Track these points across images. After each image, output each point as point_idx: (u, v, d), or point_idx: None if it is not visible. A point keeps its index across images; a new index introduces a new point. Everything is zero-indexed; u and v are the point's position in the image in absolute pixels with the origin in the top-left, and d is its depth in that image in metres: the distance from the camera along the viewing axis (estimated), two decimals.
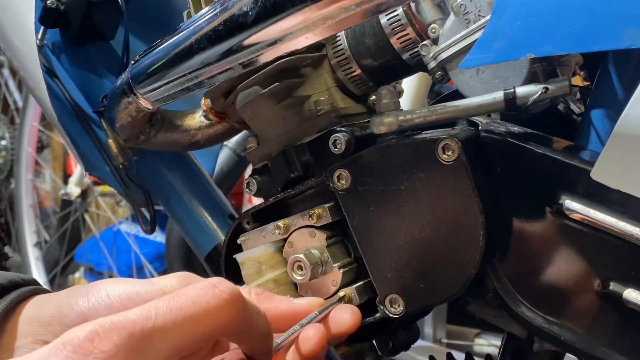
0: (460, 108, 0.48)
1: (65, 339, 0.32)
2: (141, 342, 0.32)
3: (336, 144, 0.54)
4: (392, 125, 0.50)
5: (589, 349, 0.45)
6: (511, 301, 0.48)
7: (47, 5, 0.69)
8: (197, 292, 0.35)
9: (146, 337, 0.32)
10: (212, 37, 0.51)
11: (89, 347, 0.31)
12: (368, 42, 0.55)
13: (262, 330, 0.38)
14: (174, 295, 0.34)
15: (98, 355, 0.31)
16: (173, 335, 0.33)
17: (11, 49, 0.71)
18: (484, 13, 0.48)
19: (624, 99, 0.45)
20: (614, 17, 0.39)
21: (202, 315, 0.34)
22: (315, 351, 0.43)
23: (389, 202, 0.50)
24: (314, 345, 0.43)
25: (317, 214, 0.54)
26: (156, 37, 0.58)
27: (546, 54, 0.43)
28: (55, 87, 0.72)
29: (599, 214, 0.43)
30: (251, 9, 0.47)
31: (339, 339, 0.47)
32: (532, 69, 0.48)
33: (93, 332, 0.31)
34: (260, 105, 0.58)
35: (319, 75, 0.57)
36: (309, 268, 0.53)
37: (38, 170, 2.49)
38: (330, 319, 0.47)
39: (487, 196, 0.47)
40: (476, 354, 0.70)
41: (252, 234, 0.58)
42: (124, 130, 0.65)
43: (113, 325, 0.32)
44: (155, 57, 0.56)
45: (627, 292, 0.43)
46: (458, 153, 0.47)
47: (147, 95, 0.59)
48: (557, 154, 0.45)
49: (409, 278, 0.51)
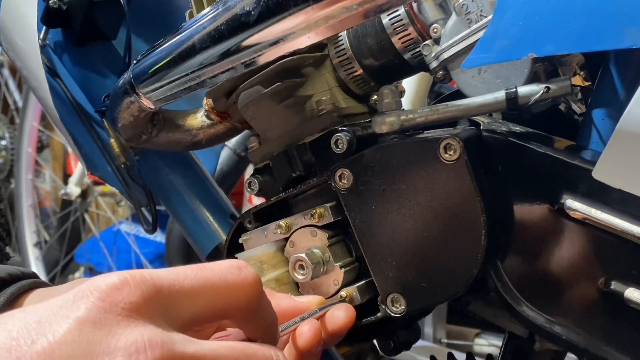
0: (462, 108, 0.48)
1: (94, 285, 0.31)
2: (167, 299, 0.32)
3: (338, 144, 0.54)
4: (393, 125, 0.51)
5: (591, 348, 0.45)
6: (513, 300, 0.48)
7: (50, 5, 0.69)
8: (223, 268, 0.35)
9: (172, 296, 0.33)
10: (214, 36, 0.51)
11: (117, 296, 0.31)
12: (370, 42, 0.55)
13: (269, 320, 0.39)
14: (202, 267, 0.35)
15: (126, 305, 0.31)
16: (196, 301, 0.34)
17: (14, 49, 0.71)
18: (486, 13, 0.48)
19: (625, 99, 0.45)
20: (615, 17, 0.40)
21: (225, 290, 0.35)
22: (310, 345, 0.44)
23: (390, 201, 0.50)
24: (309, 340, 0.43)
25: (319, 213, 0.54)
26: (158, 36, 0.58)
27: (548, 54, 0.43)
28: (58, 86, 0.72)
29: (601, 213, 0.43)
30: (253, 9, 0.47)
31: (335, 336, 0.48)
32: (533, 69, 0.48)
33: (123, 281, 0.31)
34: (262, 105, 0.58)
35: (320, 75, 0.57)
36: (311, 267, 0.53)
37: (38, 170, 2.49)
38: (325, 317, 0.48)
39: (488, 195, 0.47)
40: (476, 354, 0.70)
41: (254, 233, 0.59)
42: (126, 129, 0.65)
43: (143, 278, 0.32)
44: (158, 57, 0.57)
45: (629, 292, 0.43)
46: (460, 152, 0.47)
47: (149, 95, 0.59)
48: (559, 153, 0.45)
49: (411, 277, 0.51)
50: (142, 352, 0.30)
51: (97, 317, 0.30)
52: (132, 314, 0.31)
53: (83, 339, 0.29)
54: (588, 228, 0.44)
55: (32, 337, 0.29)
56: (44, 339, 0.29)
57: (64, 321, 0.30)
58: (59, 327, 0.29)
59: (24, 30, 0.69)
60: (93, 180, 2.17)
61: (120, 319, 0.30)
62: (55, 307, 0.30)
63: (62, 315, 0.30)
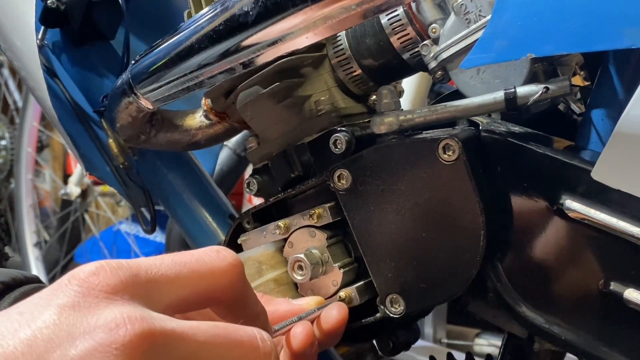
0: (460, 108, 0.48)
1: (71, 274, 0.32)
2: (145, 284, 0.33)
3: (337, 144, 0.54)
4: (392, 125, 0.50)
5: (590, 348, 0.45)
6: (512, 301, 0.48)
7: (48, 5, 0.69)
8: (201, 252, 0.36)
9: (150, 280, 0.34)
10: (212, 37, 0.51)
11: (94, 281, 0.32)
12: (368, 42, 0.55)
13: (257, 309, 0.39)
14: (180, 253, 0.36)
15: (103, 288, 0.32)
16: (176, 285, 0.35)
17: (12, 49, 0.71)
18: (485, 13, 0.48)
19: (625, 99, 0.45)
20: (614, 17, 0.39)
21: (205, 273, 0.36)
22: (304, 346, 0.44)
23: (389, 201, 0.50)
24: (301, 341, 0.44)
25: (318, 213, 0.54)
26: (156, 37, 0.58)
27: (547, 54, 0.43)
28: (56, 87, 0.72)
29: (600, 213, 0.43)
30: (252, 9, 0.47)
31: (329, 336, 0.48)
32: (532, 69, 0.48)
33: (99, 267, 0.32)
34: (261, 105, 0.58)
35: (319, 75, 0.57)
36: (310, 268, 0.53)
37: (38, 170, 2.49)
38: (320, 317, 0.48)
39: (487, 196, 0.47)
40: (476, 354, 0.70)
41: (253, 233, 0.59)
42: (125, 130, 0.65)
43: (119, 264, 0.33)
44: (156, 57, 0.56)
45: (628, 292, 0.43)
46: (459, 153, 0.47)
47: (147, 95, 0.59)
48: (558, 153, 0.45)
49: (410, 278, 0.51)
50: (122, 327, 0.30)
51: (75, 301, 0.31)
52: (110, 295, 0.32)
53: (63, 321, 0.30)
54: (587, 228, 0.44)
55: (15, 327, 0.30)
56: (27, 327, 0.30)
57: (44, 309, 0.31)
58: (40, 314, 0.31)
59: (21, 30, 0.68)
60: (93, 180, 2.17)
61: (98, 300, 0.31)
62: (37, 299, 0.32)
63: (43, 305, 0.31)
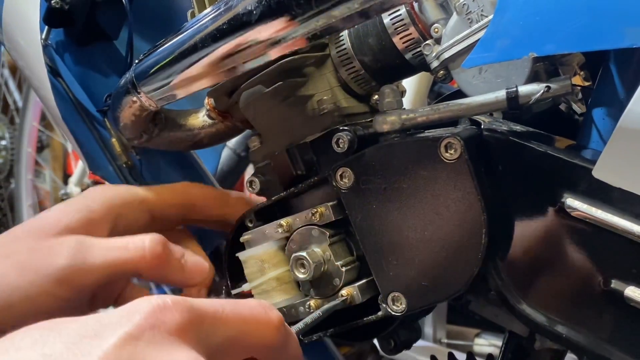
0: (462, 107, 0.49)
1: (136, 306, 0.34)
2: (209, 327, 0.36)
3: (339, 143, 0.54)
4: (395, 124, 0.51)
5: (591, 346, 0.45)
6: (513, 299, 0.48)
7: (52, 5, 0.69)
8: (253, 305, 0.40)
9: (213, 325, 0.36)
10: (216, 36, 0.51)
11: (162, 317, 0.34)
12: (371, 42, 0.55)
13: (294, 355, 0.43)
14: (235, 301, 0.39)
15: (171, 327, 0.34)
16: (229, 329, 0.37)
17: (16, 49, 0.71)
18: (487, 12, 0.49)
19: (626, 98, 0.45)
20: (616, 17, 0.40)
21: (254, 324, 0.39)
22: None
23: (391, 200, 0.51)
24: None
25: (320, 212, 0.55)
26: (160, 36, 0.59)
27: (548, 53, 0.43)
28: (59, 86, 0.72)
29: (601, 212, 0.43)
30: (255, 8, 0.47)
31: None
32: (534, 68, 0.48)
33: (167, 304, 0.34)
34: (264, 104, 0.58)
35: (322, 75, 0.57)
36: (312, 266, 0.53)
37: (38, 170, 2.49)
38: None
39: (489, 194, 0.48)
40: (476, 354, 0.70)
41: (255, 232, 0.59)
42: (128, 129, 0.65)
43: (188, 304, 0.35)
44: (159, 57, 0.57)
45: (629, 290, 0.43)
46: (460, 151, 0.47)
47: (151, 94, 0.59)
48: (559, 152, 0.46)
49: (412, 276, 0.51)
50: None
51: (140, 332, 0.33)
52: (176, 335, 0.34)
53: (126, 351, 0.32)
54: (588, 227, 0.44)
55: (88, 349, 0.31)
56: (98, 350, 0.31)
57: (111, 335, 0.32)
58: (108, 340, 0.32)
59: (26, 30, 0.69)
60: (93, 180, 2.17)
61: (163, 337, 0.33)
62: (105, 321, 0.33)
63: (110, 330, 0.32)
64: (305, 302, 0.56)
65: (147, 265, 0.55)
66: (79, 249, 0.52)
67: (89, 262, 0.52)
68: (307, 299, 0.56)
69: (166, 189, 0.64)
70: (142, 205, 0.61)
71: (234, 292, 0.62)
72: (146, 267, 0.55)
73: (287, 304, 0.57)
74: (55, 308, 0.51)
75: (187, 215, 0.64)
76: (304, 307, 0.56)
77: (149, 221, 0.61)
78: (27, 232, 0.54)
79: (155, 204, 0.62)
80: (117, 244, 0.55)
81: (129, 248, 0.55)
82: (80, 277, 0.51)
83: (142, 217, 0.61)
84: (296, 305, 0.57)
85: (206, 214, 0.65)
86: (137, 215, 0.61)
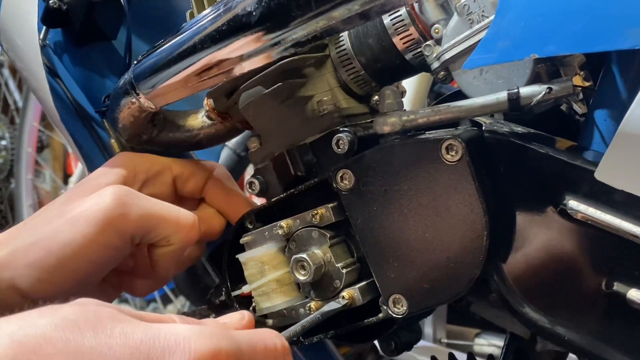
0: (463, 108, 0.48)
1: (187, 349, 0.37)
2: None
3: (339, 144, 0.54)
4: (395, 125, 0.50)
5: (593, 349, 0.45)
6: (514, 301, 0.48)
7: (50, 5, 0.69)
8: (270, 340, 0.43)
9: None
10: (215, 37, 0.51)
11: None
12: (371, 43, 0.55)
13: None
14: (254, 336, 0.42)
15: None
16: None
17: (14, 49, 0.71)
18: (488, 13, 0.48)
19: (628, 99, 0.45)
20: (617, 18, 0.39)
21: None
22: None
23: (392, 202, 0.50)
24: None
25: (320, 214, 0.54)
26: (159, 37, 0.58)
27: (550, 54, 0.43)
28: (58, 87, 0.72)
29: (603, 214, 0.43)
30: (255, 9, 0.47)
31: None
32: (535, 70, 0.48)
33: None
34: (263, 105, 0.58)
35: (321, 76, 0.57)
36: (312, 268, 0.53)
37: (38, 170, 2.49)
38: None
39: (490, 196, 0.47)
40: (476, 354, 0.70)
41: (255, 234, 0.59)
42: (127, 130, 0.65)
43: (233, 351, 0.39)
44: (158, 57, 0.56)
45: (631, 293, 0.43)
46: (462, 153, 0.47)
47: (150, 95, 0.59)
48: (561, 154, 0.45)
49: (412, 278, 0.51)
50: None
51: None
52: None
53: None
54: (590, 229, 0.44)
55: None
56: None
57: None
58: None
59: (24, 30, 0.68)
60: None
61: None
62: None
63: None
64: (306, 304, 0.56)
65: (182, 233, 0.58)
66: (123, 194, 0.56)
67: (133, 209, 0.55)
68: (308, 300, 0.56)
69: (191, 162, 0.67)
70: (167, 174, 0.64)
71: (233, 294, 0.62)
72: (180, 234, 0.58)
73: (287, 305, 0.57)
74: (103, 258, 0.55)
75: (205, 192, 0.66)
76: (304, 309, 0.56)
77: (171, 191, 0.64)
78: (75, 193, 0.58)
79: (178, 174, 0.64)
80: (159, 202, 0.58)
81: (170, 210, 0.58)
82: (124, 223, 0.55)
83: (166, 186, 0.64)
84: (296, 307, 0.57)
85: (220, 196, 0.66)
86: (162, 182, 0.64)
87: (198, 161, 0.68)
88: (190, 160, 0.68)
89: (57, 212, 0.56)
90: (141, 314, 0.40)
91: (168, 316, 0.42)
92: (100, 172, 0.61)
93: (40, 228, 0.55)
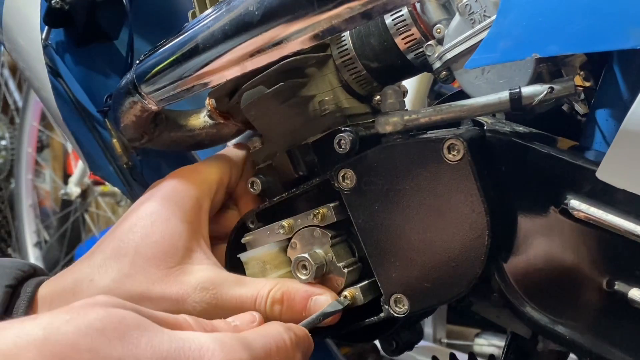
0: (465, 108, 0.48)
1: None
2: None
3: (341, 144, 0.54)
4: (397, 125, 0.51)
5: (594, 348, 0.45)
6: (516, 301, 0.48)
7: (52, 5, 0.69)
8: (280, 338, 0.45)
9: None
10: (217, 37, 0.51)
11: None
12: (373, 42, 0.55)
13: None
14: (269, 339, 0.45)
15: None
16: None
17: (16, 49, 0.71)
18: (490, 13, 0.48)
19: (629, 99, 0.45)
20: (619, 17, 0.40)
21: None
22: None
23: (394, 201, 0.50)
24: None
25: (322, 213, 0.54)
26: (161, 37, 0.58)
27: (551, 54, 0.43)
28: (60, 87, 0.72)
29: (604, 213, 0.43)
30: (257, 9, 0.47)
31: None
32: (537, 69, 0.48)
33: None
34: (265, 105, 0.58)
35: (323, 75, 0.57)
36: (313, 268, 0.53)
37: (38, 170, 2.49)
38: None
39: (492, 196, 0.47)
40: (477, 354, 0.70)
41: (257, 233, 0.59)
42: (128, 130, 0.65)
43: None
44: (161, 57, 0.56)
45: (632, 292, 0.43)
46: (463, 153, 0.47)
47: (152, 95, 0.59)
48: (562, 153, 0.45)
49: (414, 277, 0.51)
50: None
51: None
52: None
53: None
54: (592, 228, 0.44)
55: None
56: None
57: None
58: None
59: (26, 30, 0.68)
60: (93, 180, 2.17)
61: None
62: None
63: None
64: None
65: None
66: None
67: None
68: None
69: (225, 161, 0.64)
70: (223, 187, 0.63)
71: None
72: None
73: None
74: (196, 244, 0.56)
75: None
76: None
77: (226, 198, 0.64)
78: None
79: (231, 183, 0.64)
80: None
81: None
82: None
83: (223, 196, 0.63)
84: None
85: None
86: (221, 197, 0.63)
87: (224, 155, 0.66)
88: (226, 159, 0.65)
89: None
90: (159, 315, 0.40)
91: (182, 317, 0.43)
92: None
93: None
